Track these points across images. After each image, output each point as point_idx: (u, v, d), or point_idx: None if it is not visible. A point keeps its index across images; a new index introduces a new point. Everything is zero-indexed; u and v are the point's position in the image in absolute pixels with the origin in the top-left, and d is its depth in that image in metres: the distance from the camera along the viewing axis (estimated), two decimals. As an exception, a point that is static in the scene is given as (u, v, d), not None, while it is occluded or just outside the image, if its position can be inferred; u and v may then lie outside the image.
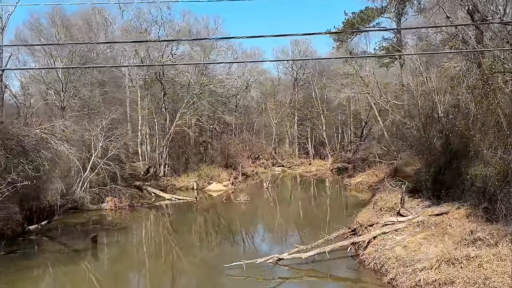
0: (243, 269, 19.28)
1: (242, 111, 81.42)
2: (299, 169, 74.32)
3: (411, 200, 25.70)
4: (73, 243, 26.79)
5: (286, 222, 34.39)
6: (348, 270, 19.92)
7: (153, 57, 55.94)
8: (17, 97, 47.90)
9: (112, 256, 26.04)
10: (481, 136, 18.33)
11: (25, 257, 23.99)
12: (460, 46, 20.12)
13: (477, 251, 15.24)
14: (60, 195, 32.29)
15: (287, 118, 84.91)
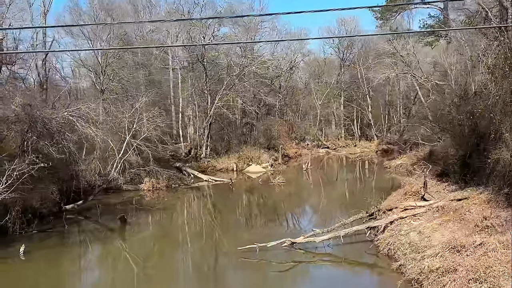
0: (256, 252, 19.35)
1: (288, 92, 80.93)
2: (344, 151, 73.34)
3: (438, 184, 24.97)
4: (108, 222, 27.85)
5: (314, 205, 34.22)
6: (364, 255, 19.58)
7: (195, 39, 56.32)
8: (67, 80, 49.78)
9: (142, 235, 26.60)
10: (501, 118, 17.44)
11: (57, 235, 25.14)
12: (483, 23, 19.10)
13: (485, 239, 14.65)
14: (96, 176, 33.65)
15: (333, 99, 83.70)
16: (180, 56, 57.14)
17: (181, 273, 20.11)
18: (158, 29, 60.70)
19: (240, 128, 64.96)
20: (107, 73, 40.00)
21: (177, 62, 55.69)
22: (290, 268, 18.86)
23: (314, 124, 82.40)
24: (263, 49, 74.05)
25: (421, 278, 14.41)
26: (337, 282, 17.75)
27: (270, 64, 65.77)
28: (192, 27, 55.27)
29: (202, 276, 19.30)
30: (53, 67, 51.16)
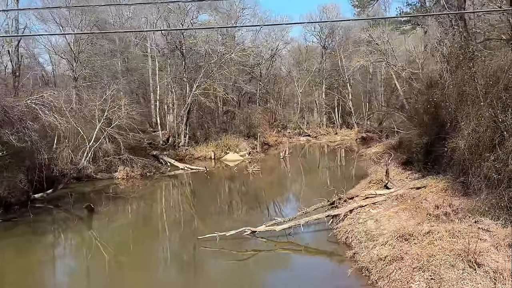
0: (216, 241, 19.33)
1: (270, 80, 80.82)
2: (324, 139, 73.57)
3: (402, 173, 25.18)
4: (79, 211, 27.18)
5: (284, 193, 34.33)
6: (323, 243, 19.63)
7: (173, 26, 55.78)
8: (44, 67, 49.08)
9: (115, 224, 26.42)
10: (457, 107, 17.54)
11: (25, 224, 24.83)
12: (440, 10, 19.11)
13: (433, 227, 14.80)
14: (69, 165, 33.42)
15: (315, 87, 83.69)
16: (158, 44, 56.55)
17: (152, 261, 19.99)
18: (137, 16, 60.22)
19: (220, 116, 64.85)
20: (80, 60, 39.38)
21: (155, 50, 55.03)
22: (249, 257, 18.88)
23: (295, 112, 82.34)
24: (244, 37, 74.01)
25: (371, 267, 14.50)
26: (293, 270, 17.79)
27: (250, 52, 65.37)
28: (170, 13, 54.85)
29: (169, 264, 19.29)
30: (31, 54, 50.66)
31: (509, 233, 13.67)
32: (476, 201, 15.65)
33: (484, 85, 15.79)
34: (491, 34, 18.97)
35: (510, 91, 14.34)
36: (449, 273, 12.06)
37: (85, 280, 17.65)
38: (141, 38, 59.97)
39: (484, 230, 14.31)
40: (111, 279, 17.31)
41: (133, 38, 60.70)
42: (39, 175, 29.72)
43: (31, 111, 25.22)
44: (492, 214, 14.75)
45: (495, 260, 12.32)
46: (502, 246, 13.11)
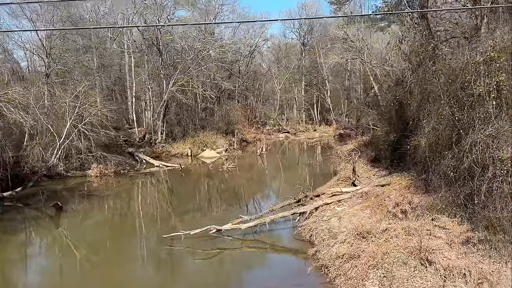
0: (181, 239, 19.25)
1: (250, 77, 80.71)
2: (303, 136, 73.76)
3: (371, 170, 25.33)
4: (49, 209, 26.78)
5: (254, 191, 34.32)
6: (288, 241, 19.76)
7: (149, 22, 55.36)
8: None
9: (86, 222, 26.13)
10: (418, 105, 17.68)
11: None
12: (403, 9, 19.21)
13: (391, 225, 14.91)
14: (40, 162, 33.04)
15: (294, 84, 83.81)
16: (135, 40, 56.09)
17: (118, 259, 19.77)
18: (114, 11, 59.70)
19: (199, 113, 64.61)
20: (51, 56, 38.85)
21: (130, 46, 54.57)
22: (214, 256, 18.80)
23: (275, 109, 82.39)
24: (223, 33, 73.85)
25: (330, 264, 14.57)
26: (255, 269, 17.82)
27: (228, 49, 65.08)
28: (146, 9, 54.50)
29: (134, 262, 19.10)
30: (5, 49, 49.87)
31: (464, 230, 13.81)
32: (434, 198, 15.79)
33: (444, 84, 15.91)
34: (455, 32, 19.11)
35: (466, 90, 14.47)
36: (401, 271, 12.16)
37: (56, 279, 17.51)
38: (117, 34, 59.44)
39: (440, 227, 14.44)
40: (82, 278, 17.13)
41: (109, 34, 60.19)
42: (4, 174, 29.34)
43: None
44: (449, 211, 14.89)
45: (447, 258, 12.44)
46: (456, 244, 13.25)
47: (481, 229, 13.28)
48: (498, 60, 13.76)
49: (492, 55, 13.77)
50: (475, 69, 14.10)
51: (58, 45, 39.74)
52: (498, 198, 12.97)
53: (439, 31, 19.48)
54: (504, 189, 12.85)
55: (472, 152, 13.71)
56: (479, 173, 13.59)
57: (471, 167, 13.86)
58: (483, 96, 13.93)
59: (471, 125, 14.28)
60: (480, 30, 15.08)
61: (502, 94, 13.70)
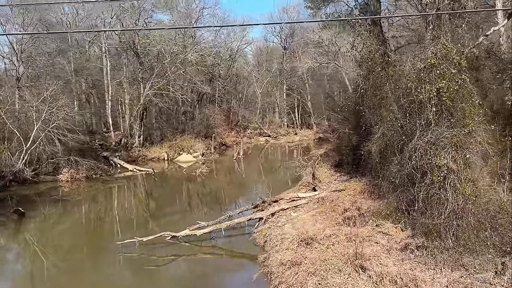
0: (136, 246, 19.12)
1: (232, 80, 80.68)
2: (283, 139, 73.78)
3: (333, 175, 25.40)
4: (14, 215, 26.57)
5: (219, 196, 34.22)
6: (245, 247, 19.65)
7: (126, 25, 55.11)
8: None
9: (55, 228, 26.10)
10: (370, 112, 17.72)
11: None
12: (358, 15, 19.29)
13: (336, 231, 14.90)
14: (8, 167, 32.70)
15: (276, 88, 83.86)
16: (112, 43, 55.78)
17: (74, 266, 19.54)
18: (91, 15, 59.25)
19: (178, 117, 64.44)
20: (22, 60, 38.48)
21: (107, 49, 54.25)
22: (167, 263, 18.69)
23: (256, 113, 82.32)
24: (204, 37, 73.58)
25: (274, 271, 14.51)
26: (205, 276, 17.69)
27: (208, 52, 64.84)
28: (124, 12, 54.32)
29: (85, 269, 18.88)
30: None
31: (405, 237, 13.84)
32: (381, 204, 15.83)
33: (391, 90, 15.96)
34: (412, 39, 19.20)
35: (408, 96, 14.51)
36: (335, 278, 12.14)
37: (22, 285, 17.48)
38: (95, 37, 59.01)
39: (383, 233, 14.48)
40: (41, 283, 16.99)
41: (87, 37, 59.78)
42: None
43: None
44: (393, 217, 14.92)
45: (383, 264, 12.45)
46: (395, 250, 13.28)
47: (419, 235, 13.32)
48: (438, 67, 13.82)
49: (432, 61, 13.83)
50: (416, 76, 14.16)
51: (29, 48, 39.23)
52: (436, 205, 13.00)
53: (395, 37, 19.55)
54: (441, 196, 12.89)
55: (412, 158, 13.75)
56: (419, 180, 13.63)
57: (411, 173, 13.90)
58: (424, 103, 13.98)
59: (413, 132, 14.33)
60: (426, 37, 15.13)
61: (442, 101, 13.75)
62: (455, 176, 12.80)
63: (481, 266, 11.86)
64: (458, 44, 14.43)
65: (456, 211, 12.69)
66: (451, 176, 12.84)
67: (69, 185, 36.76)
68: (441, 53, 14.06)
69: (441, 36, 14.37)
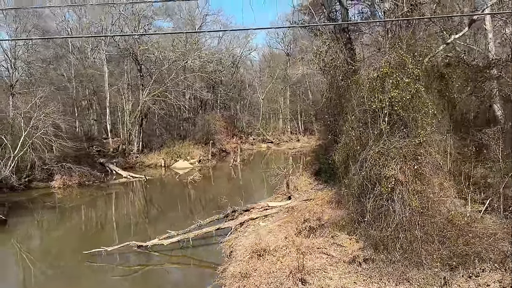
0: (102, 255, 19.04)
1: (236, 86, 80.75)
2: (285, 146, 73.51)
3: (311, 183, 25.07)
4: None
5: (201, 203, 34.04)
6: (212, 257, 19.40)
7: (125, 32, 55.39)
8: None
9: (45, 234, 26.65)
10: (334, 120, 17.49)
11: None
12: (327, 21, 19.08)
13: (290, 242, 14.67)
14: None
15: (279, 94, 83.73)
16: (111, 50, 56.07)
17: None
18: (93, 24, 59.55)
19: (180, 123, 64.66)
20: (16, 67, 38.85)
21: (105, 57, 54.54)
22: (132, 273, 18.52)
23: (259, 119, 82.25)
24: (208, 44, 73.75)
25: (226, 283, 14.32)
26: (165, 286, 17.59)
27: (209, 59, 64.95)
28: (125, 20, 54.77)
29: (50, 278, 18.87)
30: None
31: (356, 249, 13.59)
32: (340, 214, 15.58)
33: (349, 99, 15.72)
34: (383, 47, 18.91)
35: (362, 106, 14.26)
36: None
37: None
38: (97, 44, 59.29)
39: (337, 245, 14.23)
40: None
41: (88, 44, 60.22)
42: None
43: None
44: (349, 228, 14.66)
45: (326, 277, 12.24)
46: (343, 262, 13.03)
47: (369, 248, 13.06)
48: (391, 76, 13.57)
49: (385, 71, 13.59)
50: (369, 85, 13.92)
51: (24, 55, 39.62)
52: (383, 216, 12.75)
53: (367, 45, 19.31)
54: (389, 208, 12.63)
55: (362, 169, 13.50)
56: (369, 190, 13.38)
57: (363, 184, 13.65)
58: (377, 113, 13.74)
59: (368, 142, 14.08)
60: (385, 46, 14.89)
61: (395, 111, 13.49)
62: (403, 188, 12.52)
63: (425, 280, 11.58)
64: (414, 53, 14.11)
65: (403, 223, 12.41)
66: (398, 188, 12.56)
67: (61, 192, 36.97)
68: (395, 62, 13.80)
69: (396, 44, 14.10)
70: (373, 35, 18.54)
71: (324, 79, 18.64)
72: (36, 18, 42.58)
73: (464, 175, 15.49)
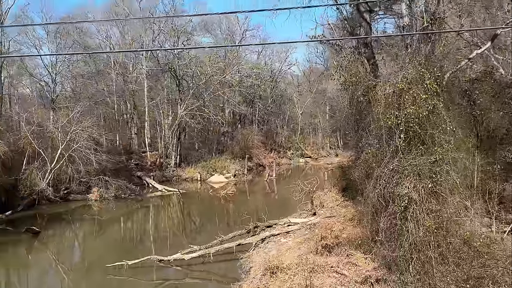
0: (124, 269, 19.26)
1: (275, 101, 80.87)
2: (323, 161, 72.86)
3: (338, 199, 24.64)
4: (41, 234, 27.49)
5: (230, 218, 33.88)
6: (232, 273, 19.26)
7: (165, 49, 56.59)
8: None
9: (79, 245, 27.56)
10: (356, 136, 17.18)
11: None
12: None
13: (303, 260, 14.44)
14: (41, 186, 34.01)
15: (318, 108, 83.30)
16: (150, 66, 57.27)
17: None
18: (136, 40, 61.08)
19: (218, 137, 65.29)
20: (56, 82, 40.28)
21: (144, 71, 55.70)
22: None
23: (297, 134, 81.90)
24: (247, 59, 74.10)
25: (240, 300, 14.23)
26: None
27: (247, 74, 65.34)
28: (165, 35, 56.12)
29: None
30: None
31: (370, 269, 13.24)
32: (358, 232, 15.24)
33: (368, 115, 15.41)
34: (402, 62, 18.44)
35: (378, 122, 13.96)
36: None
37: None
38: (136, 60, 60.71)
39: (352, 264, 13.91)
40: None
41: (130, 61, 61.65)
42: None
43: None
44: (365, 247, 14.31)
45: (335, 298, 11.94)
46: (354, 283, 12.72)
47: (382, 268, 12.70)
48: (408, 92, 13.25)
49: (401, 86, 13.28)
50: (385, 101, 13.62)
51: (64, 71, 41.04)
52: (396, 236, 12.38)
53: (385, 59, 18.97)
54: (402, 227, 12.26)
55: (376, 186, 13.18)
56: (384, 209, 13.05)
57: (378, 202, 13.32)
58: (393, 129, 13.42)
59: (383, 159, 13.76)
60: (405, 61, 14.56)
61: (410, 127, 13.14)
62: (416, 207, 12.13)
63: (438, 304, 11.14)
64: (434, 68, 13.73)
65: (417, 244, 12.00)
66: (412, 206, 12.18)
67: (98, 204, 37.80)
68: (412, 77, 13.47)
69: (414, 59, 13.77)
70: (392, 50, 18.15)
71: (345, 94, 18.34)
72: (77, 34, 43.97)
73: (490, 194, 14.91)
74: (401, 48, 15.99)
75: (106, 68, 54.91)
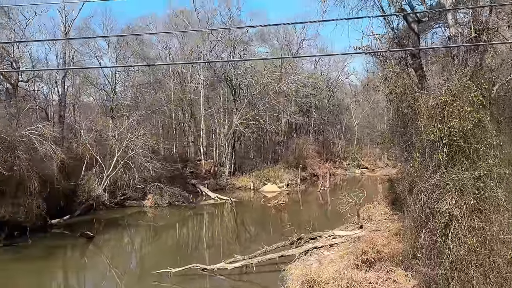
0: (169, 276, 19.54)
1: (332, 110, 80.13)
2: (379, 172, 71.30)
3: (387, 213, 24.07)
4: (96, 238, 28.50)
5: (277, 228, 33.62)
6: (272, 284, 19.15)
7: (221, 58, 57.55)
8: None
9: (134, 250, 28.50)
10: (401, 148, 16.74)
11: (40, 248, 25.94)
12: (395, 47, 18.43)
13: (343, 275, 14.20)
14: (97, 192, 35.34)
15: (376, 119, 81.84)
16: (206, 75, 58.29)
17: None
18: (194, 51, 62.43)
19: (273, 146, 65.46)
20: (116, 91, 41.83)
21: (202, 81, 56.77)
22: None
23: (354, 144, 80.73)
24: (304, 68, 73.74)
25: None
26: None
27: (302, 83, 65.09)
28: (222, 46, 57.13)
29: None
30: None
31: (410, 286, 12.86)
32: (398, 248, 14.83)
33: (413, 127, 14.97)
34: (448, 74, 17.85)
35: (420, 135, 13.56)
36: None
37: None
38: (193, 70, 61.95)
39: (392, 280, 13.55)
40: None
41: (188, 71, 62.93)
42: (55, 202, 31.64)
43: (28, 141, 26.82)
44: (406, 264, 13.91)
45: (370, 315, 11.66)
46: (392, 301, 12.36)
47: (420, 286, 12.30)
48: (451, 104, 12.82)
49: (444, 99, 12.86)
50: (427, 114, 13.22)
51: (122, 80, 42.58)
52: (436, 253, 11.96)
53: (432, 71, 18.43)
54: (443, 245, 11.84)
55: (417, 201, 12.79)
56: (424, 224, 12.64)
57: (418, 217, 12.92)
58: (436, 143, 13.00)
59: (425, 173, 13.34)
60: (452, 72, 14.09)
61: (454, 141, 12.69)
62: (458, 224, 11.68)
63: (478, 326, 10.66)
64: (481, 80, 13.23)
65: (457, 262, 11.55)
66: (453, 223, 11.74)
67: (152, 211, 38.71)
68: (457, 89, 13.03)
69: (459, 71, 13.32)
70: (439, 62, 17.62)
71: (391, 106, 17.96)
72: (137, 45, 45.47)
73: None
74: (448, 59, 15.47)
75: (165, 77, 56.33)
